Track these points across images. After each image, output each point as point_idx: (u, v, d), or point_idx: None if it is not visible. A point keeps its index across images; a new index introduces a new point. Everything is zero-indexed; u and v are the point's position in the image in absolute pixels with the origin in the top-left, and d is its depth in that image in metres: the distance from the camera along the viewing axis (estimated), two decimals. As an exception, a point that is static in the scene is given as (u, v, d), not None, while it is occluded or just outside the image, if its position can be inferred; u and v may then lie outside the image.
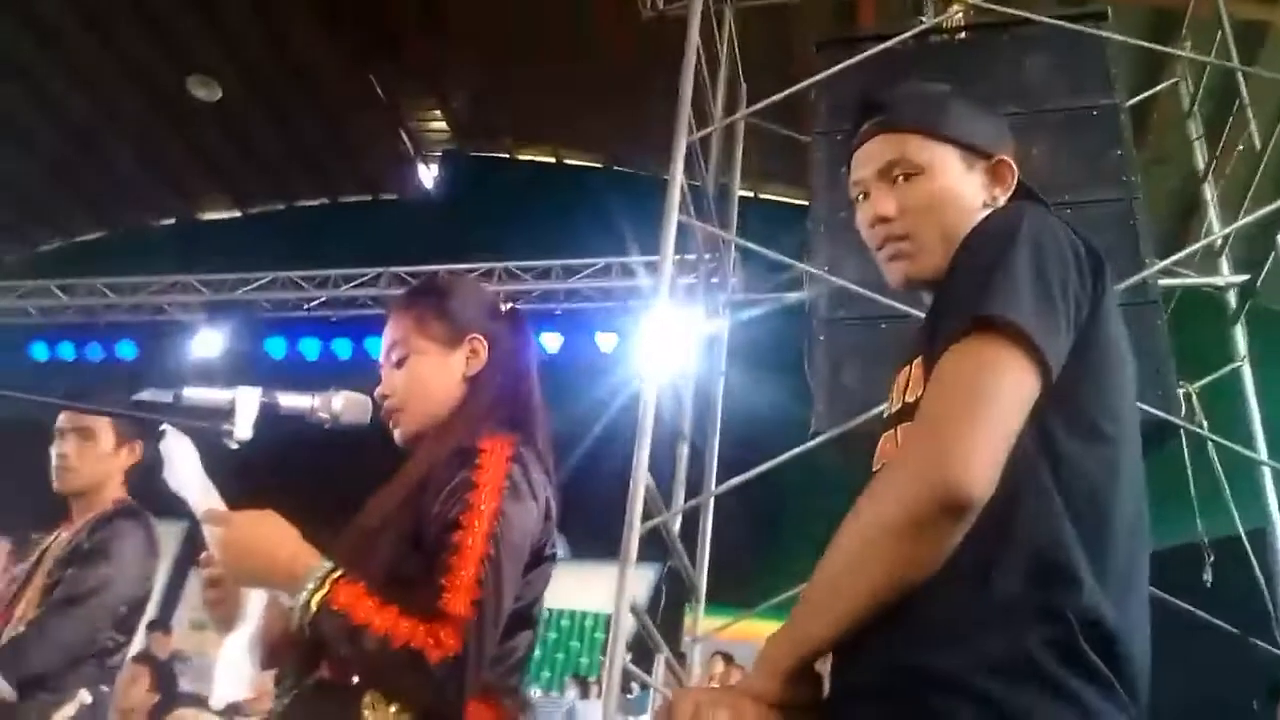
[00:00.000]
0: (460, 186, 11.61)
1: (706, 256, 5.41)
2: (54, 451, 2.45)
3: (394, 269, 8.86)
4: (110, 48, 9.58)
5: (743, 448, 4.69)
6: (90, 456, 2.45)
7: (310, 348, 9.19)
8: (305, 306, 9.00)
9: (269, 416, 1.67)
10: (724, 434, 5.06)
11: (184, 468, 1.52)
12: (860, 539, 1.06)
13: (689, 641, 4.52)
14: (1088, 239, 1.18)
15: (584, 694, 6.21)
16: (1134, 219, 3.72)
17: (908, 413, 1.17)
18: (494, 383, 1.66)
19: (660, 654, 4.05)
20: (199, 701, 4.08)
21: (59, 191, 11.20)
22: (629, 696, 6.03)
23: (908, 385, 1.22)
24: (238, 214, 12.13)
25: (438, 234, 9.48)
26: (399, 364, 1.67)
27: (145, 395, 1.63)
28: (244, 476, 1.62)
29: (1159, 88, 5.28)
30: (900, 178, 1.30)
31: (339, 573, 1.38)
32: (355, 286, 9.02)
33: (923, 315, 1.28)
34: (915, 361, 1.22)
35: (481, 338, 1.67)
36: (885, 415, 1.28)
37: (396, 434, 1.69)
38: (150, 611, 2.48)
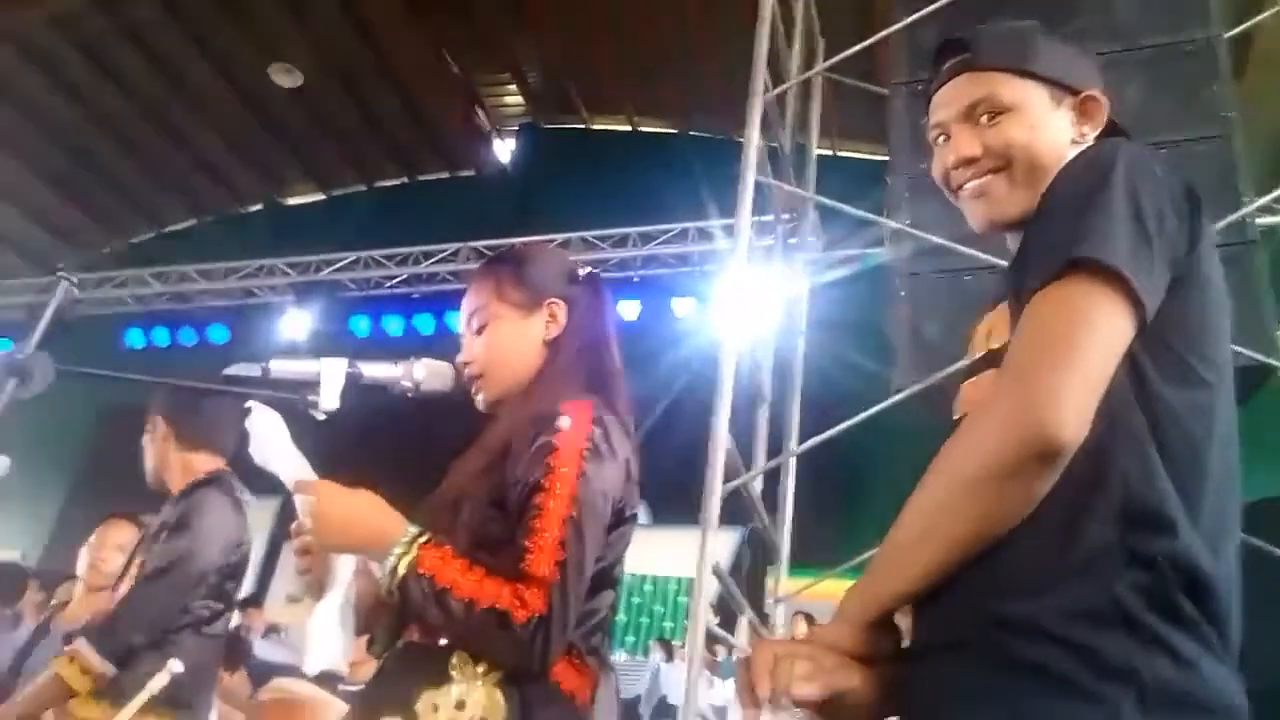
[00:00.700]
0: (536, 159, 11.67)
1: (784, 216, 5.34)
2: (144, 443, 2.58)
3: (472, 244, 8.95)
4: (195, 41, 9.84)
5: (823, 408, 4.65)
6: (153, 449, 2.57)
7: (394, 324, 9.36)
8: (387, 284, 9.16)
9: (354, 387, 1.70)
10: (804, 394, 5.02)
11: (272, 441, 1.55)
12: (945, 487, 1.03)
13: (771, 603, 4.51)
14: (1184, 177, 1.12)
15: (669, 657, 6.25)
16: (1232, 156, 3.56)
17: (992, 359, 1.14)
18: (573, 347, 1.67)
19: (743, 615, 4.05)
20: (294, 672, 4.22)
21: (151, 182, 11.56)
22: (716, 660, 6.06)
23: (991, 332, 1.19)
24: (321, 196, 12.38)
25: (515, 207, 9.56)
26: (479, 331, 1.68)
27: (234, 369, 1.67)
28: (331, 447, 1.65)
29: (1260, 17, 5.02)
30: (984, 118, 1.25)
31: (425, 537, 1.41)
32: (435, 263, 9.14)
33: (1007, 266, 1.24)
34: (999, 308, 1.18)
35: (560, 302, 1.68)
36: (968, 363, 1.25)
37: (478, 400, 1.71)
38: (244, 587, 2.55)
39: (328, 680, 3.47)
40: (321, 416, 1.65)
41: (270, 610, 7.15)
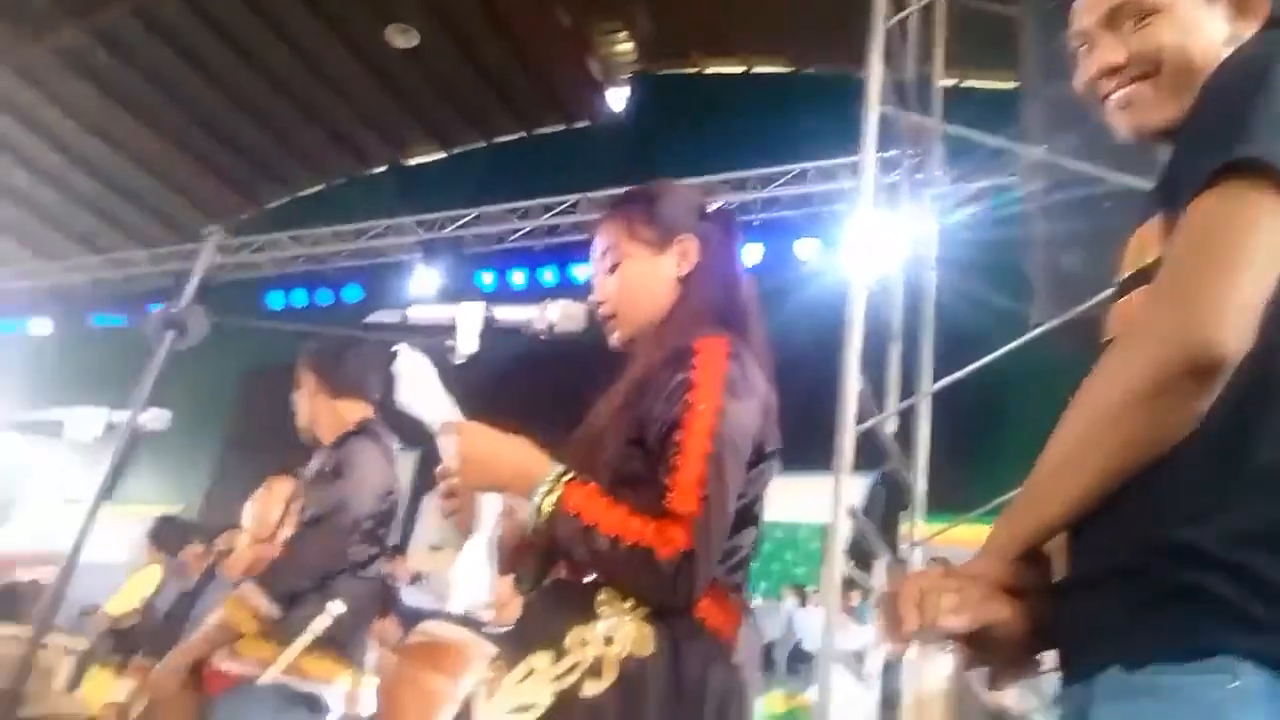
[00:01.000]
0: (650, 107, 11.58)
1: (910, 151, 5.16)
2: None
3: (590, 194, 8.97)
4: (311, 7, 10.07)
5: (956, 347, 4.51)
6: (303, 405, 2.68)
7: (518, 277, 9.49)
8: (510, 238, 9.29)
9: (490, 331, 1.73)
10: (936, 333, 4.87)
11: (419, 383, 1.58)
12: (1098, 408, 0.98)
13: (907, 547, 4.43)
14: None
15: (802, 603, 6.24)
16: None
17: (1143, 277, 1.07)
18: (706, 283, 1.65)
19: (880, 559, 3.99)
20: (439, 616, 4.37)
21: (281, 150, 11.95)
22: (852, 605, 6.01)
23: (1142, 248, 1.11)
24: (442, 155, 12.58)
25: (631, 156, 9.51)
26: (611, 270, 1.67)
27: (374, 317, 1.71)
28: (471, 392, 1.67)
29: None
30: (1130, 22, 1.17)
31: (570, 475, 1.42)
32: (555, 215, 9.22)
33: (1156, 179, 1.16)
34: (1149, 223, 1.10)
35: (691, 239, 1.65)
36: (1118, 283, 1.17)
37: (612, 339, 1.70)
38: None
39: (473, 623, 3.59)
40: (460, 360, 1.68)
41: (413, 559, 7.41)
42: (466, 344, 1.67)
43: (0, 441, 8.00)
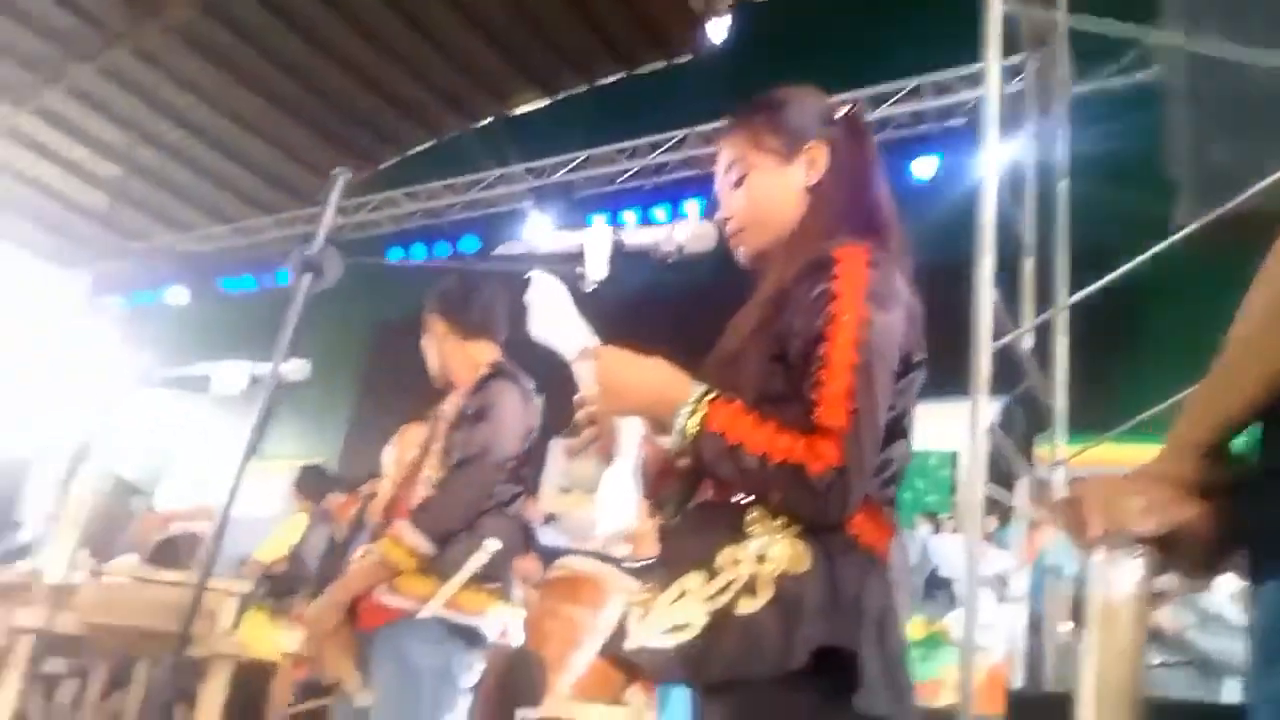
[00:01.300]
0: (752, 36, 11.27)
1: (1034, 53, 4.87)
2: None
3: (697, 128, 8.84)
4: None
5: (1093, 257, 4.28)
6: (430, 350, 2.73)
7: (630, 218, 9.45)
8: (619, 179, 9.24)
9: (618, 255, 1.69)
10: (1070, 243, 4.63)
11: (554, 310, 1.56)
12: None
13: (1048, 468, 4.26)
14: None
15: (936, 530, 6.11)
16: None
17: None
18: (838, 190, 1.57)
19: (1021, 479, 3.85)
20: (575, 553, 4.45)
21: (389, 110, 12.11)
22: (989, 530, 5.84)
23: None
24: (545, 102, 12.56)
25: (735, 87, 9.27)
26: (737, 184, 1.62)
27: (501, 250, 1.69)
28: (603, 320, 1.64)
29: None
30: None
31: (713, 395, 1.38)
32: (663, 152, 9.13)
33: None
34: None
35: (820, 145, 1.58)
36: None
37: (741, 255, 1.65)
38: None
39: (611, 559, 3.63)
40: (591, 287, 1.65)
41: (545, 500, 7.58)
42: (596, 270, 1.64)
43: (152, 401, 8.43)
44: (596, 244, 1.64)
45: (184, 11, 10.34)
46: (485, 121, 12.67)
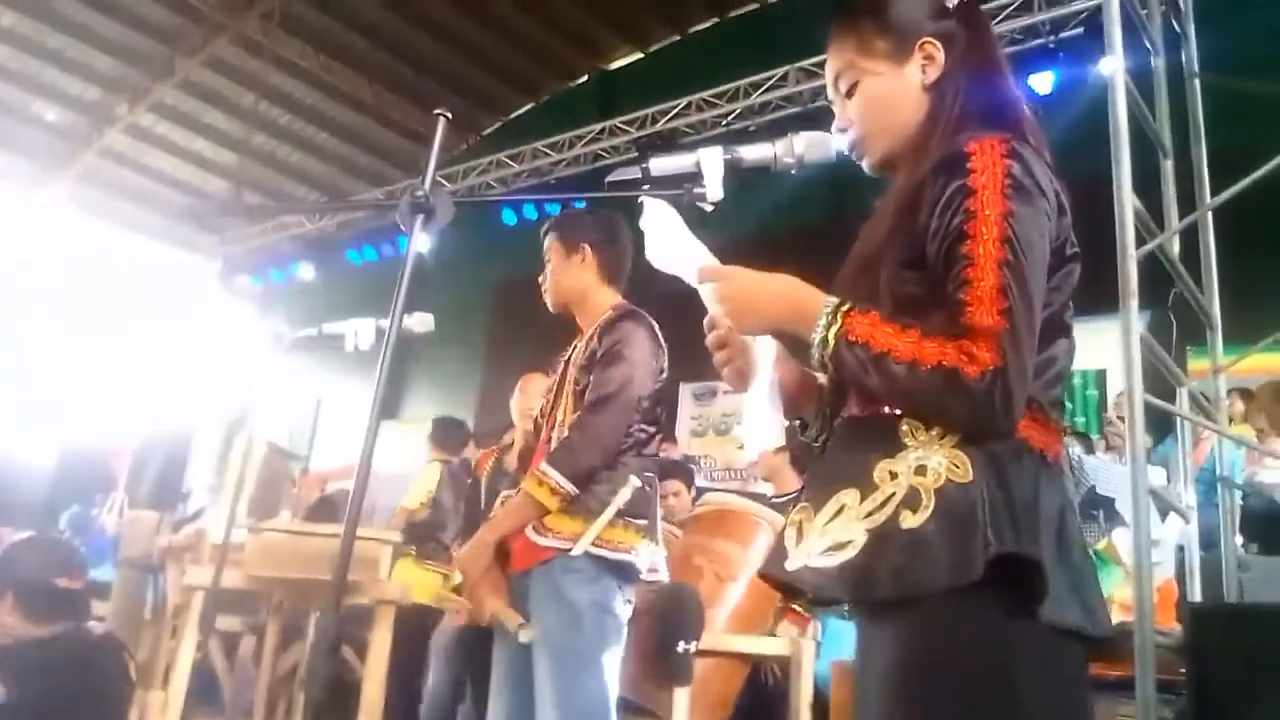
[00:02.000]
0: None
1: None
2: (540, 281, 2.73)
3: (799, 64, 8.61)
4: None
5: (1231, 160, 4.00)
6: (551, 276, 2.69)
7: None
8: (723, 123, 9.09)
9: (735, 172, 1.64)
10: (1209, 144, 4.33)
11: (669, 235, 1.52)
12: None
13: (1209, 377, 4.03)
14: None
15: (1089, 450, 5.89)
16: None
17: None
18: (960, 84, 1.48)
19: (1181, 388, 3.64)
20: (712, 490, 4.47)
21: (487, 75, 12.21)
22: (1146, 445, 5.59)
23: None
24: (640, 55, 12.46)
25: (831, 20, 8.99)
26: (849, 93, 1.54)
27: (615, 175, 1.66)
28: (723, 241, 1.60)
29: None
30: None
31: (848, 305, 1.32)
32: (764, 91, 8.93)
33: None
34: None
35: (933, 41, 1.48)
36: None
37: (865, 164, 1.57)
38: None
39: (755, 495, 3.62)
40: (709, 207, 1.60)
41: (679, 444, 7.64)
42: (714, 190, 1.59)
43: (295, 367, 8.77)
44: (712, 162, 1.59)
45: (278, -1, 10.60)
46: (582, 80, 12.68)
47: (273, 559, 2.89)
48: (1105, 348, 3.45)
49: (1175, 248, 3.78)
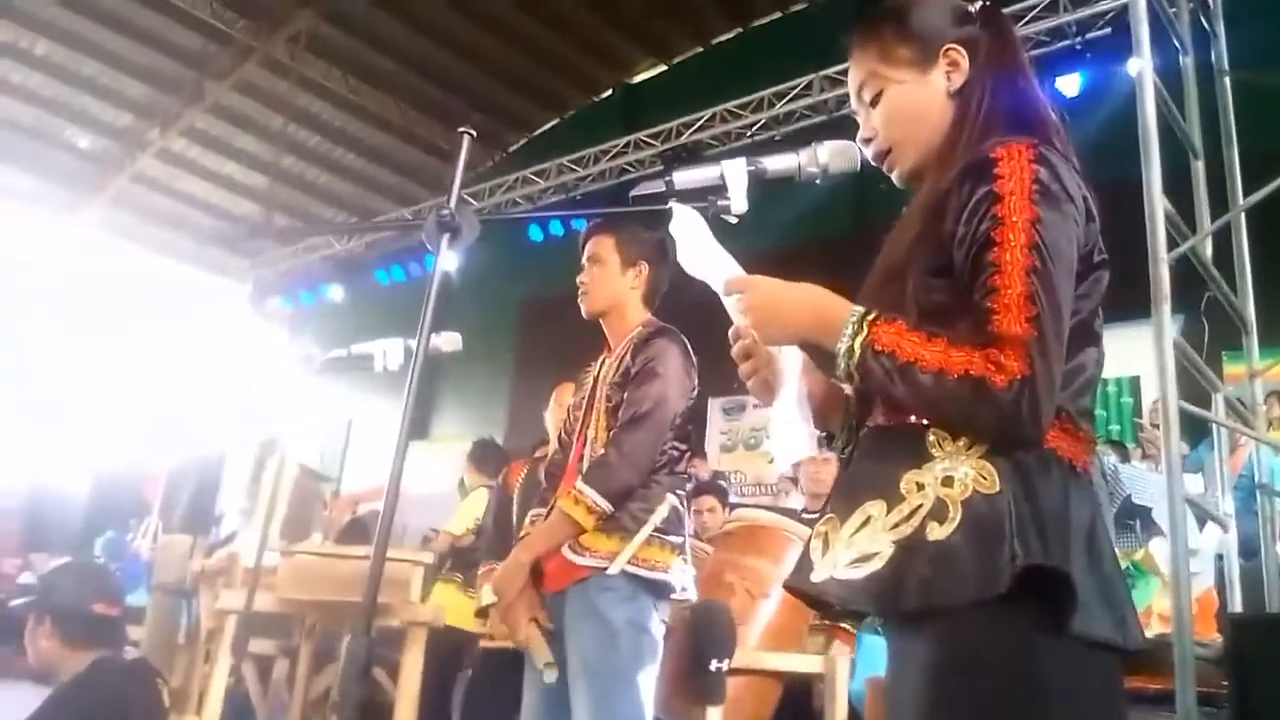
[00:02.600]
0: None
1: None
2: (577, 281, 2.65)
3: (824, 72, 8.59)
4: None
5: (1262, 160, 3.94)
6: (601, 279, 2.61)
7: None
8: (748, 134, 9.08)
9: (760, 184, 1.63)
10: (1240, 143, 4.26)
11: (697, 244, 1.52)
12: None
13: (1244, 381, 3.96)
14: None
15: (1124, 459, 5.81)
16: None
17: None
18: (985, 89, 1.46)
19: (1216, 394, 3.58)
20: (749, 505, 4.45)
21: (513, 91, 12.29)
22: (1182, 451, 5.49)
23: None
24: (663, 68, 12.50)
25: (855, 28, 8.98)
26: (873, 103, 1.52)
27: (640, 190, 1.65)
28: (746, 252, 1.59)
29: None
30: None
31: (874, 314, 1.30)
32: (788, 101, 8.91)
33: None
34: None
35: (957, 47, 1.47)
36: None
37: (894, 176, 1.56)
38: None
39: (787, 510, 3.59)
40: (734, 220, 1.59)
41: (709, 460, 7.63)
42: (738, 202, 1.58)
43: (325, 389, 8.82)
44: (736, 174, 1.58)
45: (304, 21, 10.73)
46: (606, 95, 12.74)
47: (305, 582, 2.90)
48: (1139, 354, 3.40)
49: (1208, 250, 3.72)
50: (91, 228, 13.12)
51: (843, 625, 3.42)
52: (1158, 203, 3.14)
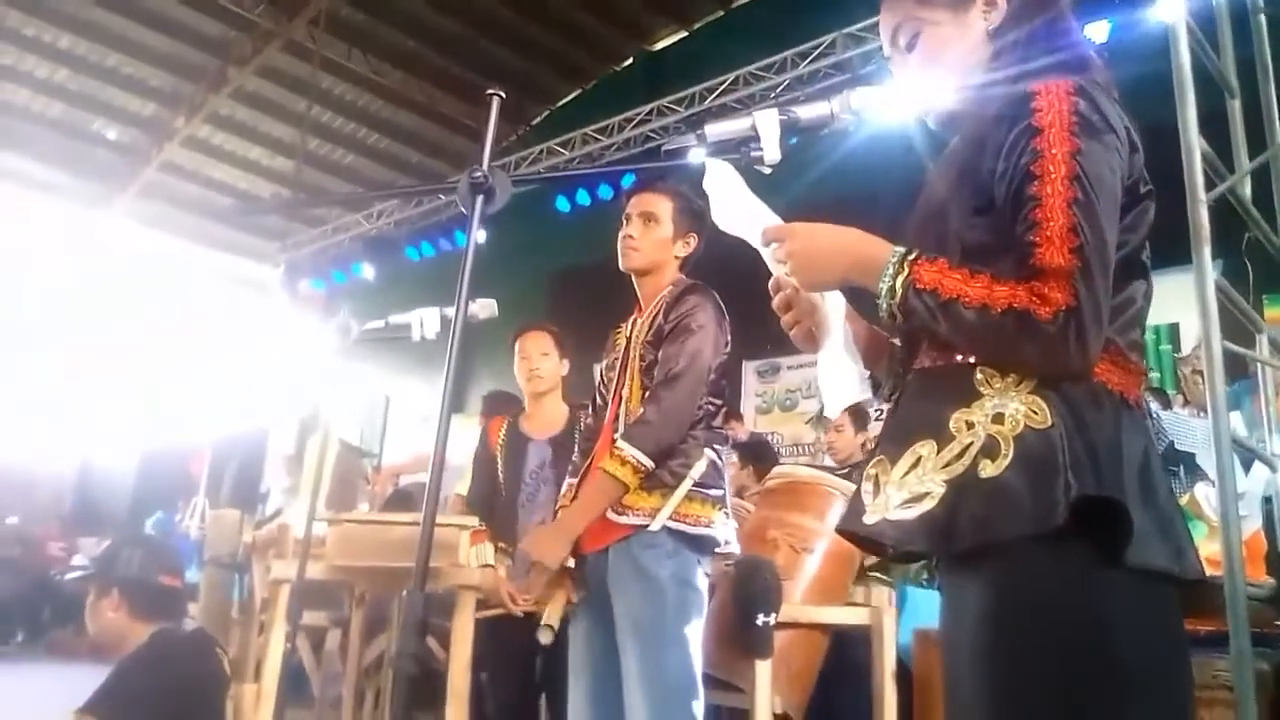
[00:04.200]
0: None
1: None
2: (620, 235, 2.64)
3: (848, 29, 8.48)
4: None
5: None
6: (651, 239, 2.61)
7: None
8: (773, 95, 8.99)
9: (792, 133, 1.62)
10: (1277, 80, 4.16)
11: (732, 197, 1.52)
12: None
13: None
14: None
15: (1165, 405, 5.74)
16: None
17: None
18: (1024, 26, 1.46)
19: (1260, 335, 3.53)
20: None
21: (533, 65, 12.23)
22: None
23: None
24: (684, 34, 12.39)
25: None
26: (910, 48, 1.51)
27: (671, 145, 1.66)
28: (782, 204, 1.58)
29: None
30: None
31: (915, 254, 1.30)
32: (812, 61, 8.80)
33: None
34: None
35: None
36: None
37: (932, 121, 1.55)
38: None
39: (826, 467, 3.59)
40: (767, 170, 1.59)
41: (746, 421, 7.62)
42: (772, 152, 1.58)
43: (363, 364, 8.89)
44: (768, 124, 1.58)
45: (324, 1, 10.71)
46: (627, 63, 12.64)
47: (353, 549, 2.94)
48: (1178, 301, 3.34)
49: (1247, 190, 3.66)
50: (123, 217, 13.26)
51: (878, 575, 3.43)
52: (1195, 143, 3.08)
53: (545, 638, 2.42)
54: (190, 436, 10.58)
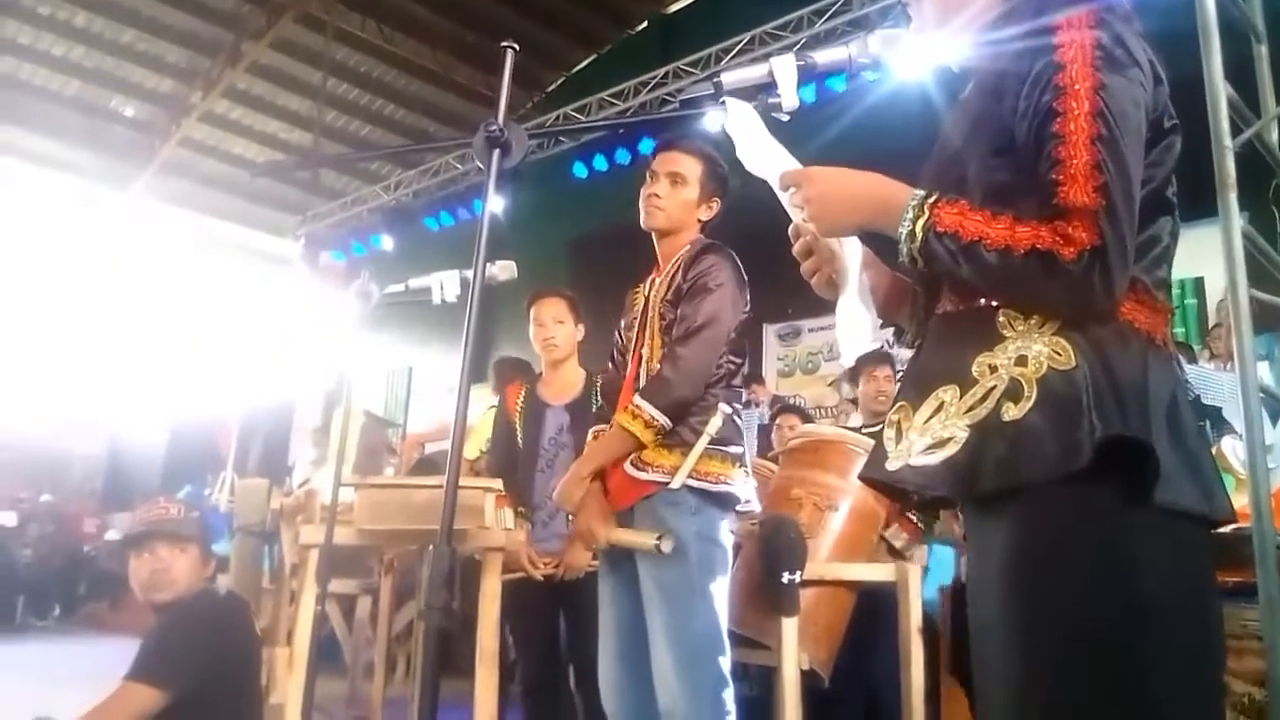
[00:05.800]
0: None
1: None
2: (645, 193, 2.62)
3: (867, -18, 8.35)
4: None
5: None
6: (677, 199, 2.59)
7: (807, 93, 9.05)
8: (791, 51, 8.87)
9: (810, 78, 1.60)
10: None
11: (753, 139, 1.50)
12: None
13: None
14: None
15: (1190, 360, 5.68)
16: None
17: None
18: None
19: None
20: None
21: (549, 33, 12.14)
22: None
23: None
24: (700, -6, 12.24)
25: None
26: None
27: (689, 94, 1.64)
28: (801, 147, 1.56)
29: None
30: None
31: (935, 196, 1.28)
32: (827, 19, 8.68)
33: None
34: None
35: None
36: None
37: (950, 60, 1.52)
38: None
39: (850, 428, 3.56)
40: (785, 117, 1.57)
41: (768, 384, 7.61)
42: (789, 98, 1.56)
43: (385, 332, 8.92)
44: (785, 70, 1.56)
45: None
46: (641, 28, 12.52)
47: (380, 513, 2.96)
48: (1202, 254, 3.29)
49: (1274, 135, 3.59)
50: (144, 194, 13.32)
51: (910, 515, 3.41)
52: (1220, 88, 3.02)
53: (667, 546, 2.30)
54: (217, 411, 10.68)
